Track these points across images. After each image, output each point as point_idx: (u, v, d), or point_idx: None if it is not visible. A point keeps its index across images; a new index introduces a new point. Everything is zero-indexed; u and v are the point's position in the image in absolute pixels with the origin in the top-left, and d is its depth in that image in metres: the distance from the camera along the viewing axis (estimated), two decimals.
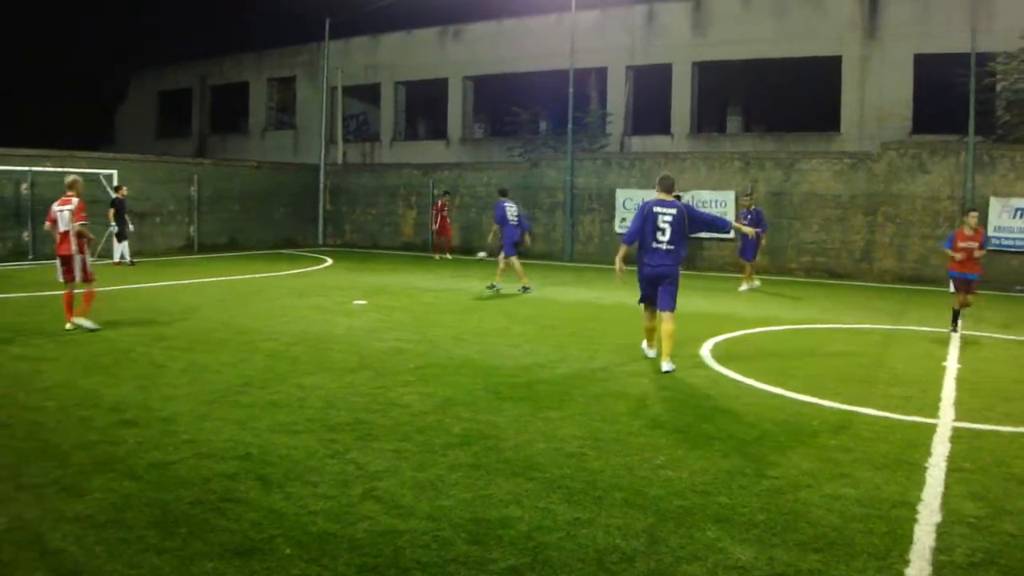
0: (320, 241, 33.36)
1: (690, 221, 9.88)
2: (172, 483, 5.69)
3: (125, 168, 25.40)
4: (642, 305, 10.30)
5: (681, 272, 10.18)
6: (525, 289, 17.90)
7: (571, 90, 27.34)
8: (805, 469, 6.24)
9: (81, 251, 11.74)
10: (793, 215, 23.57)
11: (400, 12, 33.59)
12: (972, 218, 13.23)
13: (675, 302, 9.96)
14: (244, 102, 41.52)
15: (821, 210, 23.27)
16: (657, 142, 29.82)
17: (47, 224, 12.19)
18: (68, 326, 11.75)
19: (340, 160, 36.36)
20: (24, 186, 23.33)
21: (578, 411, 7.84)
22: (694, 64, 29.43)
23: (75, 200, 11.70)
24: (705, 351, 11.18)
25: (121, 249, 22.77)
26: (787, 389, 8.91)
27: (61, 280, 11.92)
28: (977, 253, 12.92)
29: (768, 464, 6.35)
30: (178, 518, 5.09)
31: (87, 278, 11.85)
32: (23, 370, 9.28)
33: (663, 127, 30.13)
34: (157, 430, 6.94)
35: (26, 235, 23.37)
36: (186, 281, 18.88)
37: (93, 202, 23.29)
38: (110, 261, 22.55)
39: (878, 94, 25.85)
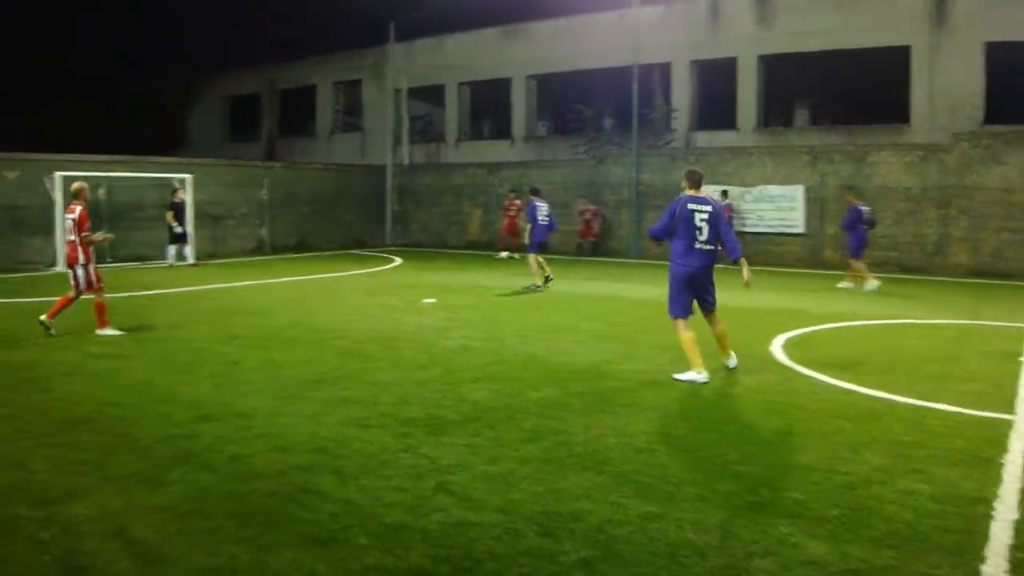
0: (388, 241, 33.70)
1: (717, 224, 9.29)
2: (249, 475, 5.84)
3: (197, 172, 25.92)
4: (680, 321, 9.35)
5: None
6: (535, 287, 17.96)
7: (635, 86, 27.21)
8: (878, 465, 6.17)
9: (88, 260, 11.67)
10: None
11: (463, 13, 33.77)
12: None
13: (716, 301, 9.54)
14: (311, 105, 42.08)
15: (892, 204, 22.82)
16: (723, 137, 29.51)
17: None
18: (107, 332, 11.77)
19: (406, 161, 36.67)
20: (101, 191, 23.94)
21: (648, 407, 7.84)
22: (759, 57, 29.05)
23: (79, 209, 11.61)
24: (776, 347, 11.07)
25: (176, 251, 23.03)
26: (860, 385, 8.79)
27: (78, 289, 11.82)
28: None
29: (840, 460, 6.28)
30: (255, 509, 5.22)
31: (93, 288, 11.78)
32: (103, 368, 9.57)
33: (729, 122, 29.81)
34: (233, 425, 7.12)
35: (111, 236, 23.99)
36: (258, 281, 19.24)
37: (167, 206, 23.85)
38: (165, 263, 22.98)
39: (948, 84, 25.22)
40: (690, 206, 9.22)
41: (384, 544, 4.72)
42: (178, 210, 22.85)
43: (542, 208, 18.37)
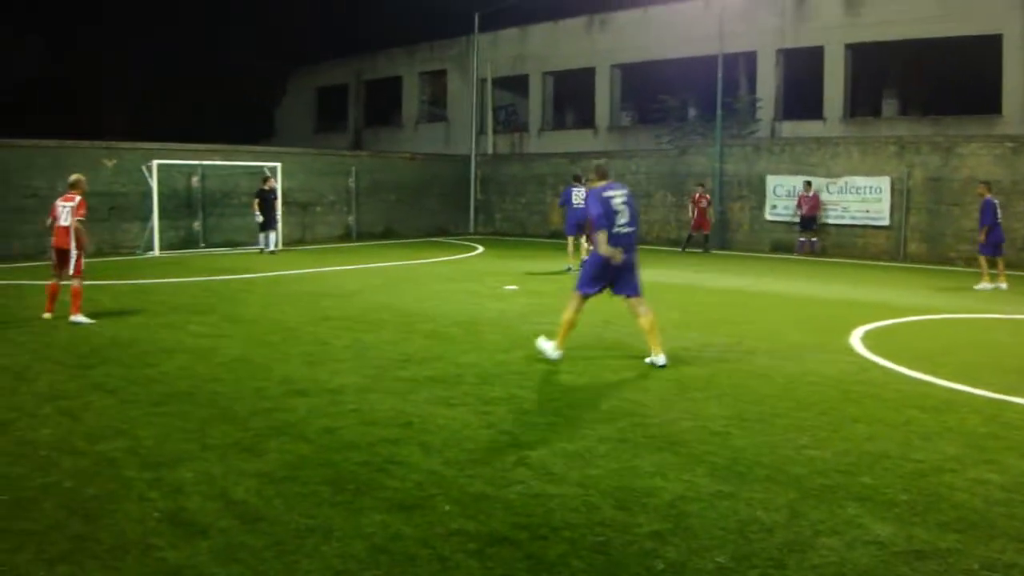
0: (471, 229, 34.11)
1: (635, 208, 9.58)
2: (341, 446, 6.21)
3: (287, 161, 26.64)
4: (579, 298, 9.54)
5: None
6: (569, 269, 18.38)
7: (720, 75, 27.03)
8: (951, 454, 6.25)
9: (79, 247, 11.83)
10: (952, 201, 22.72)
11: (547, 3, 33.93)
12: None
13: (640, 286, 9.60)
14: (397, 96, 42.72)
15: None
16: (809, 127, 29.15)
17: (48, 220, 12.12)
18: (47, 316, 11.83)
19: (490, 151, 37.03)
20: (195, 179, 24.82)
21: (724, 392, 8.02)
22: (847, 46, 28.58)
23: (78, 198, 11.84)
24: (855, 339, 11.08)
25: (267, 238, 23.48)
26: (938, 377, 8.80)
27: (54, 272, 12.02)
28: None
29: (913, 448, 6.38)
30: (347, 477, 5.58)
31: (78, 272, 11.85)
32: (202, 346, 10.10)
33: (815, 112, 29.43)
34: (325, 400, 7.52)
35: (197, 224, 24.85)
36: (346, 267, 19.78)
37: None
38: (256, 249, 23.64)
39: None
40: (608, 192, 9.34)
41: (466, 511, 5.03)
42: (265, 199, 23.25)
43: (578, 192, 18.53)
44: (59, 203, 11.92)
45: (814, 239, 24.45)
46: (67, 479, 5.53)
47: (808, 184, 24.31)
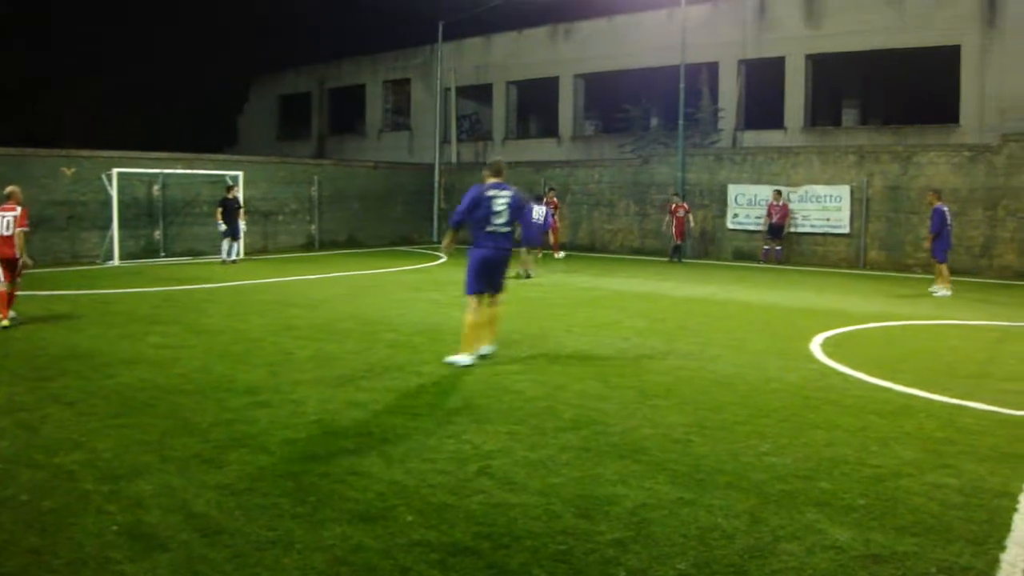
0: (435, 238, 34.02)
1: (516, 208, 9.86)
2: (302, 458, 6.17)
3: (249, 169, 26.51)
4: (473, 299, 9.85)
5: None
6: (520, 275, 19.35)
7: (682, 86, 27.25)
8: (908, 459, 6.34)
9: (21, 254, 12.07)
10: (911, 209, 23.07)
11: (511, 12, 34.04)
12: None
13: (503, 286, 10.16)
14: (361, 104, 42.66)
15: None
16: (770, 137, 29.49)
17: None
18: (5, 323, 11.94)
19: (454, 159, 37.06)
20: (156, 187, 24.58)
21: (685, 400, 8.08)
22: (807, 57, 28.96)
23: (18, 208, 12.08)
24: (815, 345, 11.21)
25: (229, 247, 23.19)
26: (896, 383, 8.93)
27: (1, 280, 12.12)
28: None
29: (871, 453, 6.46)
30: (308, 488, 5.55)
31: (9, 278, 12.10)
32: (162, 357, 9.99)
33: (776, 121, 29.77)
34: (287, 411, 7.47)
35: (157, 234, 24.60)
36: (309, 276, 19.67)
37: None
38: (219, 259, 23.34)
39: (999, 85, 24.98)
40: (490, 192, 9.72)
41: (428, 521, 5.02)
42: (227, 208, 23.04)
43: (539, 209, 21.32)
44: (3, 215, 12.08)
45: (779, 247, 24.69)
46: (24, 492, 5.46)
47: (778, 193, 24.54)
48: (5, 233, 11.96)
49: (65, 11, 40.53)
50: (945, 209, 17.93)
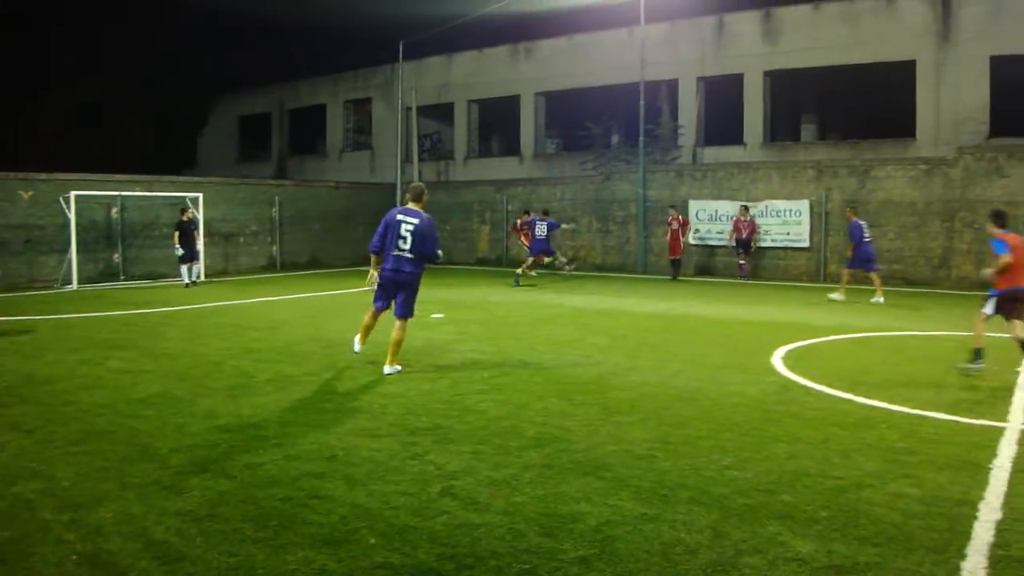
0: None
1: (422, 237, 10.06)
2: (264, 482, 6.10)
3: (210, 191, 26.32)
4: (375, 307, 10.53)
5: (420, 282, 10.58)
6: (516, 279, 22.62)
7: (642, 103, 27.49)
8: (870, 470, 6.39)
9: None
10: (869, 223, 23.24)
11: (472, 32, 34.13)
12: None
13: (411, 310, 10.36)
14: (321, 124, 42.55)
15: (897, 217, 23.03)
16: (730, 152, 29.78)
17: None
18: None
19: (416, 178, 36.99)
20: (115, 210, 24.32)
21: (648, 416, 8.09)
22: (765, 73, 29.33)
23: None
24: (776, 359, 11.29)
25: (188, 270, 22.79)
26: (857, 395, 9.02)
27: None
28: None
29: (833, 465, 6.51)
30: (270, 513, 5.48)
31: None
32: (122, 382, 9.84)
33: (736, 137, 30.08)
34: (248, 435, 7.39)
35: (116, 257, 24.33)
36: (271, 298, 19.52)
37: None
38: (181, 283, 22.90)
39: (954, 98, 25.44)
40: (399, 216, 10.14)
41: (392, 544, 4.98)
42: (184, 230, 22.60)
43: (541, 225, 23.38)
44: None
45: (742, 262, 24.84)
46: None
47: (745, 208, 24.71)
48: None
49: (21, 33, 40.11)
50: (862, 223, 19.21)
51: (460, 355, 11.57)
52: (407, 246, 10.02)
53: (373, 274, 10.47)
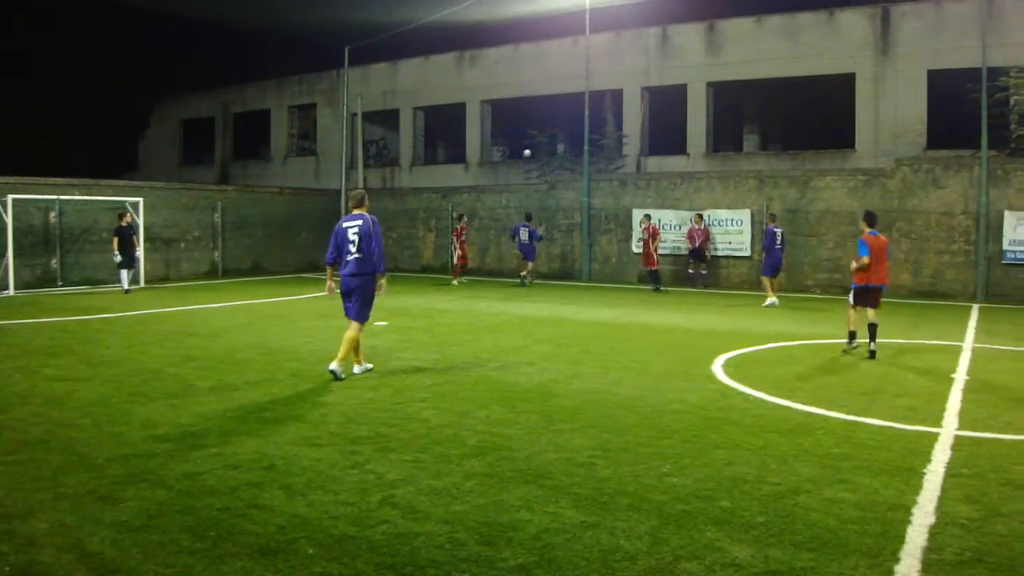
0: None
1: (368, 236, 10.32)
2: (202, 492, 6.03)
3: (150, 195, 25.93)
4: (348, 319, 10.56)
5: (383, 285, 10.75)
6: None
7: (587, 112, 27.70)
8: (806, 475, 6.49)
9: None
10: (809, 232, 23.77)
11: (418, 39, 34.03)
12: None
13: (365, 314, 10.52)
14: (266, 129, 42.15)
15: (836, 227, 23.46)
16: (673, 162, 30.08)
17: None
18: None
19: (361, 185, 36.78)
20: (52, 215, 23.86)
21: (589, 423, 8.14)
22: (708, 84, 29.69)
23: None
24: (717, 366, 11.43)
25: (128, 276, 22.43)
26: (795, 401, 9.16)
27: None
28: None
29: (770, 471, 6.60)
30: (208, 523, 5.42)
31: None
32: (58, 390, 9.65)
33: (679, 147, 30.38)
34: (187, 444, 7.29)
35: (54, 262, 23.86)
36: (212, 305, 19.28)
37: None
38: (120, 289, 22.55)
39: (892, 111, 26.00)
40: (345, 224, 10.44)
41: (330, 554, 4.94)
42: (123, 235, 22.12)
43: (524, 232, 25.04)
44: None
45: (704, 271, 25.06)
46: None
47: (700, 217, 24.93)
48: None
49: None
50: (777, 231, 20.42)
51: (403, 363, 11.54)
52: (355, 249, 10.24)
53: (330, 284, 10.70)
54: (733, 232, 24.80)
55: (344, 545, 5.07)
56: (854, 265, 12.81)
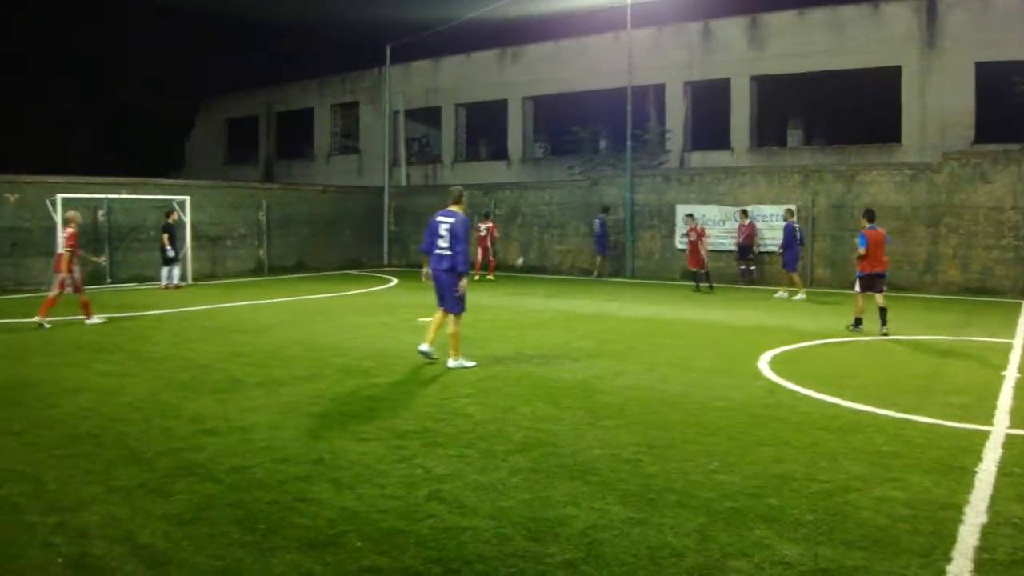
0: (385, 261, 33.97)
1: (454, 235, 10.72)
2: (251, 485, 6.10)
3: (197, 194, 26.22)
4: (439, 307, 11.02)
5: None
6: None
7: (629, 107, 27.56)
8: (856, 474, 6.42)
9: (69, 270, 15.06)
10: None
11: (459, 36, 34.15)
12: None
13: (455, 307, 10.86)
14: (309, 128, 42.46)
15: (882, 222, 22.85)
16: (716, 157, 29.86)
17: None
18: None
19: (403, 182, 37.01)
20: (101, 213, 24.22)
21: (634, 420, 8.11)
22: (752, 78, 29.42)
23: (70, 230, 15.18)
24: (763, 363, 11.33)
25: (170, 272, 23.16)
26: (843, 399, 9.05)
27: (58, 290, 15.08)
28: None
29: (819, 468, 6.53)
30: (257, 516, 5.48)
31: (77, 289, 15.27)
32: (108, 385, 9.81)
33: (722, 142, 30.16)
34: (235, 438, 7.37)
35: (103, 259, 24.22)
36: (258, 302, 19.45)
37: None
38: (159, 285, 23.15)
39: (939, 104, 25.61)
40: (438, 218, 10.93)
41: (379, 547, 4.98)
42: (171, 232, 22.94)
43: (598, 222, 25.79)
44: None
45: (752, 267, 24.86)
46: None
47: (744, 213, 24.73)
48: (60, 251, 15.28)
49: (8, 36, 39.93)
50: (796, 226, 20.88)
51: (447, 358, 11.55)
52: (445, 244, 10.69)
53: (425, 271, 11.09)
54: (777, 228, 24.47)
55: (392, 539, 5.10)
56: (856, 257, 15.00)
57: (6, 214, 22.29)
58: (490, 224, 27.17)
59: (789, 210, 21.78)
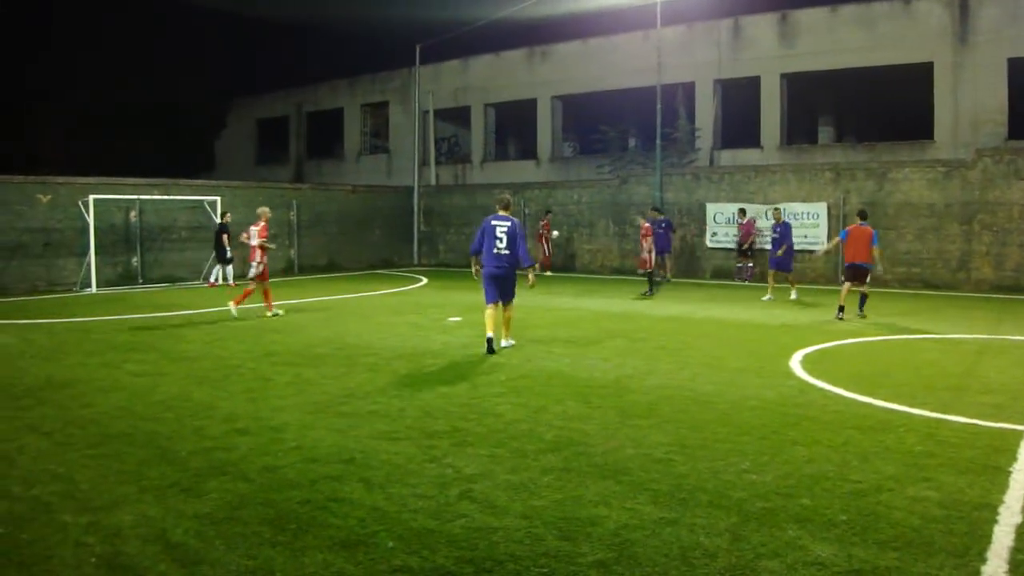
0: (415, 261, 34.08)
1: (514, 237, 12.02)
2: (282, 485, 6.13)
3: (228, 194, 26.47)
4: (489, 307, 12.11)
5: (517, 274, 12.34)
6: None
7: (659, 106, 27.45)
8: (889, 473, 6.36)
9: (262, 259, 16.47)
10: (887, 225, 23.21)
11: (488, 35, 34.21)
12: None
13: (514, 295, 12.43)
14: (339, 128, 42.67)
15: (915, 220, 22.92)
16: (747, 155, 29.70)
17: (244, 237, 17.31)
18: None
19: (433, 182, 37.10)
20: (133, 214, 24.48)
21: (666, 419, 8.08)
22: (782, 76, 29.23)
23: (262, 224, 16.75)
24: (795, 362, 11.26)
25: (223, 271, 23.88)
26: (875, 398, 8.97)
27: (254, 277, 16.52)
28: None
29: (851, 468, 6.48)
30: (289, 515, 5.51)
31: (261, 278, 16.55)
32: (140, 385, 9.91)
33: (753, 140, 30.00)
34: (267, 438, 7.42)
35: (135, 260, 24.47)
36: (289, 301, 19.55)
37: (198, 227, 24.50)
38: (205, 284, 23.59)
39: (972, 100, 25.32)
40: (494, 222, 12.13)
41: (410, 547, 4.99)
42: (228, 233, 23.66)
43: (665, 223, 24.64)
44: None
45: (750, 264, 24.80)
46: (1, 525, 5.40)
47: (742, 211, 24.68)
48: (254, 243, 16.54)
49: (40, 36, 40.42)
50: (791, 224, 20.91)
51: (478, 358, 11.58)
52: (504, 245, 11.95)
53: (476, 268, 12.53)
54: (809, 225, 24.36)
55: (424, 538, 5.12)
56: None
57: (38, 215, 22.58)
58: (545, 221, 28.53)
59: (778, 209, 21.99)
